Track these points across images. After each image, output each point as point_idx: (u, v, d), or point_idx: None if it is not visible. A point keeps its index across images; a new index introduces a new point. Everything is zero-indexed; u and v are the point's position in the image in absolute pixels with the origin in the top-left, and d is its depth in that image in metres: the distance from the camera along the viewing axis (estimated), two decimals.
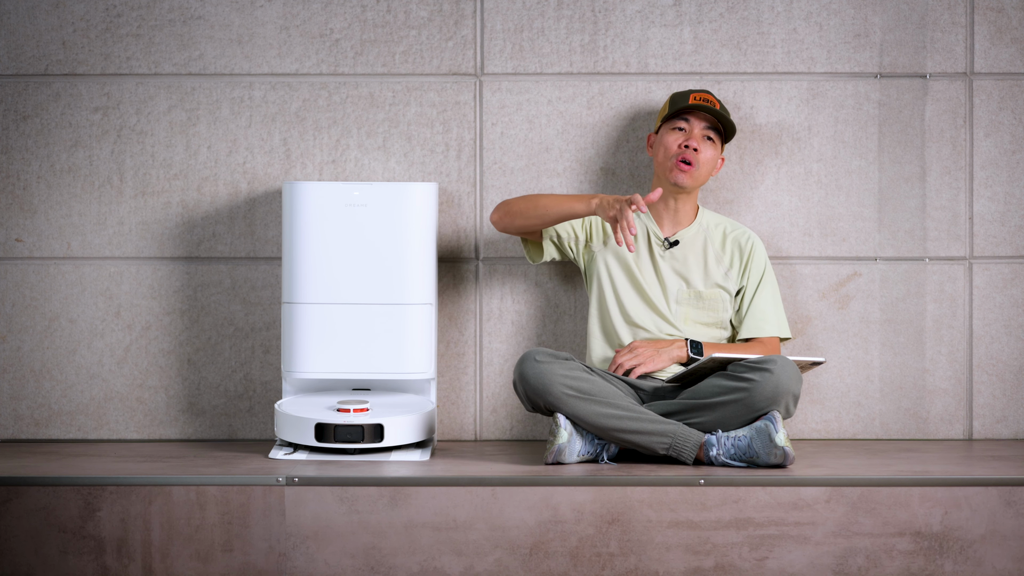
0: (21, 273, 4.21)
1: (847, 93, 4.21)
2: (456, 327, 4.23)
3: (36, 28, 4.20)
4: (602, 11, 4.20)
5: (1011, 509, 3.54)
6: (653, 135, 4.06)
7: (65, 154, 4.21)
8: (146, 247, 4.21)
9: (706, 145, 3.99)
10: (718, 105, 3.99)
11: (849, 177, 4.22)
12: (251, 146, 4.21)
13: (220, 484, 3.57)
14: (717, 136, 4.00)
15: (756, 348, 3.99)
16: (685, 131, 3.98)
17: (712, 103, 3.98)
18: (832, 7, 4.20)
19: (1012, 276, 4.22)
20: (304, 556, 3.54)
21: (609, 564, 3.55)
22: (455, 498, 3.55)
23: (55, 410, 4.21)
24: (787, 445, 3.64)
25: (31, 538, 3.55)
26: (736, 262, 4.03)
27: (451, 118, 4.21)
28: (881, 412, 4.22)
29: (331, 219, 3.96)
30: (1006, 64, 4.21)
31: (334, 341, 3.96)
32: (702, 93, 4.00)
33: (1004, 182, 4.22)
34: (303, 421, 3.85)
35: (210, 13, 4.20)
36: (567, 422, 3.72)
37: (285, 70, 4.21)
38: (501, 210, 3.98)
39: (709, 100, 3.98)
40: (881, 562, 3.54)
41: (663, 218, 4.05)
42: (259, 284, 4.22)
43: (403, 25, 4.21)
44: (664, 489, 3.55)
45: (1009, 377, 4.22)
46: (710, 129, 3.99)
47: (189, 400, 4.22)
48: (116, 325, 4.21)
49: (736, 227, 4.07)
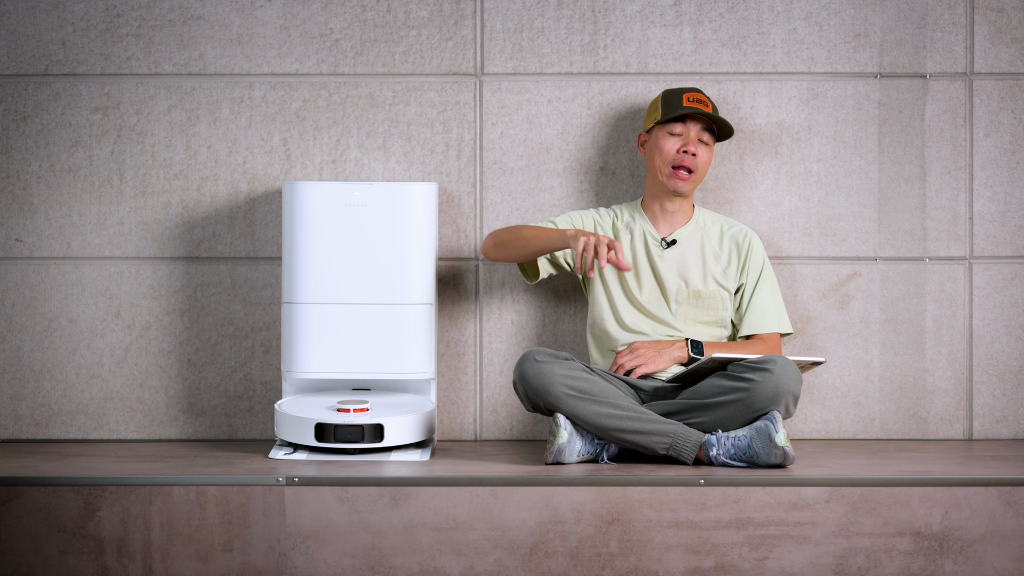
0: (21, 273, 4.21)
1: (847, 93, 4.21)
2: (456, 327, 4.23)
3: (36, 28, 4.20)
4: (602, 11, 4.20)
5: (1011, 509, 3.54)
6: (644, 134, 4.05)
7: (65, 154, 4.21)
8: (146, 247, 4.21)
9: (703, 149, 3.99)
10: (710, 106, 3.99)
11: (849, 177, 4.22)
12: (251, 146, 4.21)
13: (220, 484, 3.57)
14: (711, 136, 4.00)
15: (757, 345, 3.99)
16: (682, 136, 3.98)
17: (705, 103, 3.97)
18: (832, 7, 4.21)
19: (1012, 276, 4.22)
20: (304, 556, 3.54)
21: (609, 564, 3.55)
22: (455, 498, 3.55)
23: (55, 410, 4.22)
24: (787, 445, 3.64)
25: (31, 538, 3.55)
26: (734, 259, 4.03)
27: (451, 118, 4.21)
28: (881, 412, 4.22)
29: (331, 219, 3.96)
30: (1006, 64, 4.21)
31: (334, 341, 3.96)
32: (694, 93, 3.99)
33: (1004, 182, 4.22)
34: (303, 421, 3.85)
35: (210, 13, 4.20)
36: (567, 422, 3.72)
37: (285, 70, 4.21)
38: (488, 242, 3.99)
39: (702, 101, 3.98)
40: (881, 562, 3.54)
41: (659, 220, 4.05)
42: (259, 284, 4.22)
43: (403, 25, 4.21)
44: (664, 489, 3.55)
45: (1009, 377, 4.22)
46: (705, 131, 3.99)
47: (189, 400, 4.22)
48: (116, 325, 4.21)
49: (733, 224, 4.07)
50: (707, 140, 3.99)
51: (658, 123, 3.99)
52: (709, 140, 4.00)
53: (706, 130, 3.99)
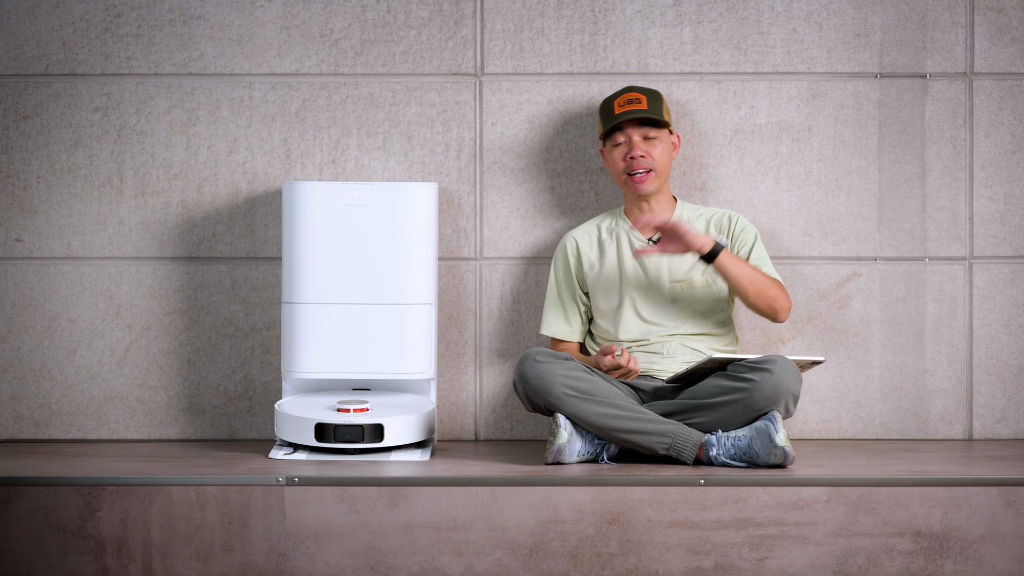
0: (21, 273, 4.21)
1: (847, 93, 4.21)
2: (456, 327, 4.23)
3: (36, 28, 4.20)
4: (602, 11, 4.20)
5: (1011, 509, 3.54)
6: (602, 148, 4.06)
7: (65, 154, 4.21)
8: (146, 247, 4.21)
9: (652, 144, 3.98)
10: (644, 101, 3.97)
11: (849, 177, 4.22)
12: (251, 146, 4.21)
13: (220, 484, 3.57)
14: (658, 128, 3.98)
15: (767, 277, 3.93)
16: (624, 143, 3.98)
17: (638, 100, 3.96)
18: (832, 7, 4.20)
19: (1012, 276, 4.22)
20: (304, 556, 3.54)
21: (609, 564, 3.55)
22: (455, 498, 3.55)
23: (55, 410, 4.21)
24: (787, 445, 3.64)
25: (31, 538, 3.55)
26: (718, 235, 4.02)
27: (451, 118, 4.21)
28: (881, 412, 4.22)
29: (331, 219, 3.96)
30: (1006, 64, 4.21)
31: (334, 341, 3.96)
32: (626, 95, 3.98)
33: (1004, 182, 4.22)
34: (303, 421, 3.85)
35: (210, 13, 4.20)
36: (567, 422, 3.72)
37: (285, 70, 4.21)
38: None
39: (635, 100, 3.96)
40: (881, 562, 3.54)
41: (640, 222, 4.04)
42: (259, 284, 4.22)
43: (403, 25, 4.21)
44: (664, 489, 3.55)
45: (1009, 377, 4.22)
46: (647, 127, 3.98)
47: (189, 400, 4.22)
48: (116, 325, 4.21)
49: (715, 212, 4.06)
50: (653, 135, 3.98)
51: (602, 138, 4.01)
52: (656, 133, 3.98)
53: (648, 125, 3.98)
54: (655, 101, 3.98)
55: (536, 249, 4.22)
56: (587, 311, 4.08)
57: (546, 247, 4.22)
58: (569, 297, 4.07)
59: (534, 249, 4.23)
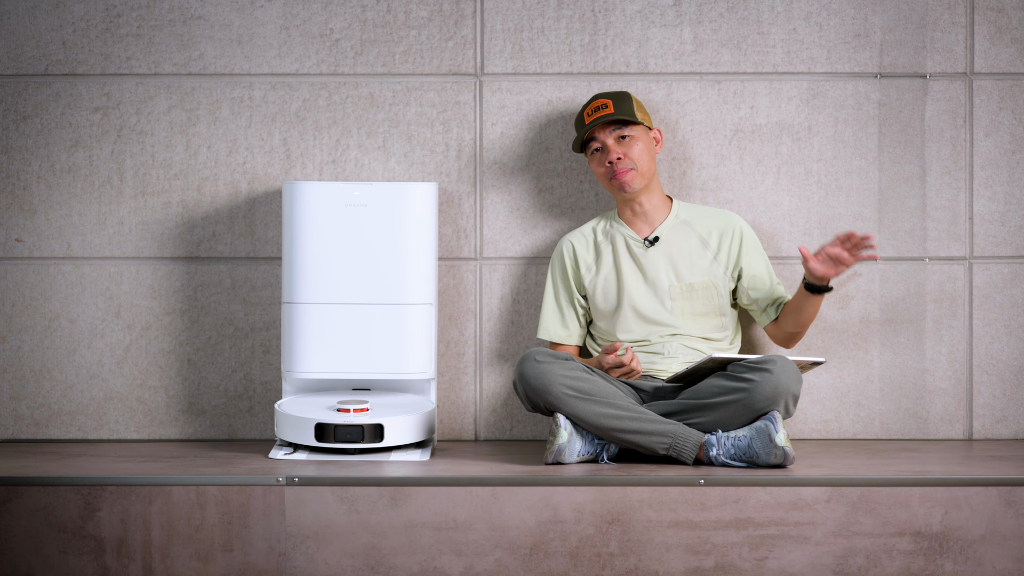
0: (21, 273, 4.21)
1: (847, 93, 4.21)
2: (456, 327, 4.23)
3: (36, 28, 4.20)
4: (602, 11, 4.20)
5: (1011, 509, 3.54)
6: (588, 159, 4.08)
7: (65, 154, 4.21)
8: (146, 247, 4.21)
9: (627, 144, 3.98)
10: (611, 105, 3.97)
11: (849, 177, 4.22)
12: (251, 146, 4.21)
13: (220, 484, 3.57)
14: (632, 126, 3.99)
15: None
16: (601, 150, 3.99)
17: (605, 106, 3.96)
18: (832, 7, 4.20)
19: (1012, 276, 4.22)
20: (304, 556, 3.54)
21: (609, 564, 3.55)
22: (455, 498, 3.55)
23: (55, 410, 4.21)
24: (787, 445, 3.64)
25: (31, 538, 3.55)
26: (724, 245, 4.02)
27: (451, 118, 4.21)
28: (881, 412, 4.22)
29: (331, 219, 3.96)
30: (1006, 64, 4.21)
31: (334, 341, 3.96)
32: (594, 102, 3.99)
33: (1004, 182, 4.22)
34: (303, 421, 3.85)
35: (210, 13, 4.20)
36: (567, 422, 3.72)
37: (285, 70, 4.21)
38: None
39: (601, 106, 3.97)
40: (881, 562, 3.54)
41: (636, 222, 4.05)
42: (259, 284, 4.22)
43: (403, 25, 4.21)
44: (664, 489, 3.55)
45: (1009, 377, 4.22)
46: (621, 128, 3.98)
47: (189, 400, 4.22)
48: (116, 325, 4.21)
49: (718, 214, 4.06)
50: (627, 133, 3.98)
51: (580, 151, 4.03)
52: (630, 131, 3.98)
53: (622, 125, 3.98)
54: (621, 101, 3.99)
55: (536, 249, 4.23)
56: (585, 314, 4.08)
57: (546, 247, 4.22)
58: (566, 301, 4.07)
59: (534, 249, 4.23)
